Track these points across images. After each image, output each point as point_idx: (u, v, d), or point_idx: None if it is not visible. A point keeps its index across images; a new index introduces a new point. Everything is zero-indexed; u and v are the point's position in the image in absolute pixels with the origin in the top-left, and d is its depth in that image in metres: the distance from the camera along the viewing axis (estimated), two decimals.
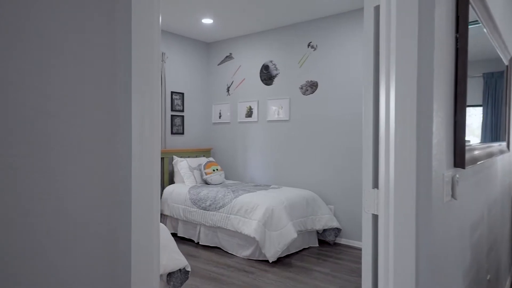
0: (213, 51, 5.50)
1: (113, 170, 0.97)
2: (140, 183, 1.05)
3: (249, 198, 3.81)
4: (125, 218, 1.02)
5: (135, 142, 1.03)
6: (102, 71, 0.90)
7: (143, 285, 1.01)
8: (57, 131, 0.80)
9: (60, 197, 0.82)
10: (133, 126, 1.01)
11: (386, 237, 1.25)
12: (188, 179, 4.57)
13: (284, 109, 4.72)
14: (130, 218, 1.03)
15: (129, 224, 1.02)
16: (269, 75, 4.87)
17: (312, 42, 4.48)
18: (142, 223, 1.06)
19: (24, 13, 0.74)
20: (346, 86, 4.21)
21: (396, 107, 1.22)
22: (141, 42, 1.00)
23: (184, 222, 4.31)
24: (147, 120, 1.05)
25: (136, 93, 1.00)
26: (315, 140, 4.46)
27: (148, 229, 1.08)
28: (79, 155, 0.85)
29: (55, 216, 0.82)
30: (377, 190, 1.29)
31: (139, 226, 1.04)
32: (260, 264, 3.54)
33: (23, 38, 0.74)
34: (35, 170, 0.77)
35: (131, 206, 1.03)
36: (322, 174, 4.40)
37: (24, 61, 0.74)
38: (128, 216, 1.03)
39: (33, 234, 0.76)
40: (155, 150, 1.10)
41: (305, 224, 3.89)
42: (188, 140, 5.24)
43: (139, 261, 1.04)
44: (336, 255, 3.85)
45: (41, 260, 0.79)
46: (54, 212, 0.81)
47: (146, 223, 1.07)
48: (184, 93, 5.17)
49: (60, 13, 0.80)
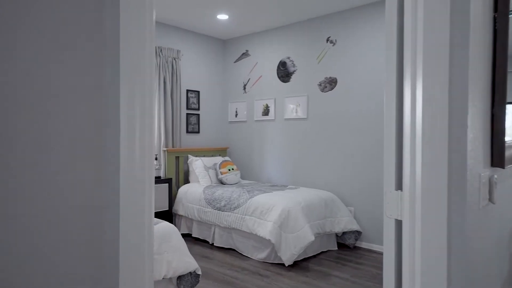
0: (229, 48, 5.39)
1: (99, 170, 0.87)
2: (129, 185, 0.94)
3: (264, 199, 3.68)
4: (113, 221, 0.92)
5: (123, 143, 0.92)
6: (88, 65, 0.80)
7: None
8: (42, 131, 0.72)
9: (43, 198, 0.73)
10: (122, 127, 0.91)
11: (412, 246, 1.09)
12: (203, 179, 4.48)
13: (301, 107, 4.55)
14: (118, 221, 0.92)
15: (116, 227, 0.91)
16: (286, 72, 4.72)
17: (331, 37, 4.30)
18: (131, 226, 0.95)
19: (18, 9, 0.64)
20: (367, 81, 4.01)
21: (424, 95, 1.06)
22: (130, 35, 0.90)
23: (198, 222, 4.22)
24: (138, 120, 0.94)
25: (125, 92, 0.90)
26: (334, 138, 4.28)
27: (138, 233, 0.96)
28: (63, 154, 0.77)
29: (37, 217, 0.73)
30: (400, 192, 1.13)
31: (127, 230, 0.93)
32: (275, 268, 3.40)
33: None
34: (18, 170, 0.68)
35: (119, 208, 0.92)
36: (341, 174, 4.22)
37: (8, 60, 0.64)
38: (116, 219, 0.92)
39: (18, 235, 0.68)
40: (147, 151, 0.99)
41: (323, 227, 3.72)
42: (203, 139, 5.15)
43: (128, 265, 0.93)
44: (356, 259, 3.66)
45: (24, 261, 0.70)
46: (35, 213, 0.72)
47: (136, 226, 0.96)
48: (199, 91, 5.09)
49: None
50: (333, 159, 4.28)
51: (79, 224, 0.84)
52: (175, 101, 4.64)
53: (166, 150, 4.50)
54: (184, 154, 4.74)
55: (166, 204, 4.18)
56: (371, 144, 3.98)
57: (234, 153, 5.33)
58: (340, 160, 4.22)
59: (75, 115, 0.82)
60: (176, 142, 4.66)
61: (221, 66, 5.39)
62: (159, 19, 4.51)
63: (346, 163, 4.17)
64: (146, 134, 0.98)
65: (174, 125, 4.64)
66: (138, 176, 0.95)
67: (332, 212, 3.86)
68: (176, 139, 4.66)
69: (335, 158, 4.26)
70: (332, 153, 4.29)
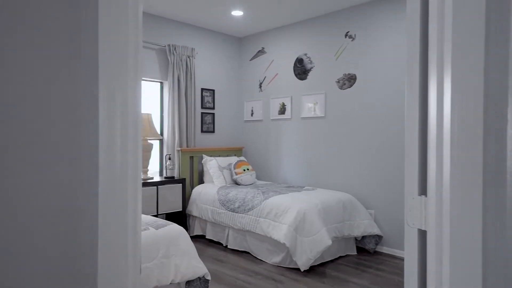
0: (245, 46, 5.28)
1: (75, 170, 0.77)
2: (109, 186, 0.83)
3: (279, 200, 3.54)
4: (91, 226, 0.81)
5: (102, 141, 0.82)
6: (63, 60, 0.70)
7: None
8: (12, 128, 0.62)
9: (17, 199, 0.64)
10: (101, 124, 0.81)
11: (439, 261, 0.94)
12: (217, 179, 4.38)
13: (319, 105, 4.39)
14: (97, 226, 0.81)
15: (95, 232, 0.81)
16: (303, 69, 4.56)
17: (350, 32, 4.11)
18: (112, 229, 0.84)
19: None
20: (388, 78, 3.80)
21: (453, 86, 0.90)
22: (110, 27, 0.80)
23: (212, 224, 4.12)
24: (119, 117, 0.84)
25: (104, 87, 0.80)
26: (353, 137, 4.09)
27: (119, 236, 0.85)
28: (35, 153, 0.69)
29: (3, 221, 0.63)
30: (424, 197, 0.97)
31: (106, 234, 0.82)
32: (290, 273, 3.25)
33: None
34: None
35: (97, 210, 0.81)
36: (361, 175, 4.02)
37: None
38: (95, 223, 0.81)
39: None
40: (131, 149, 0.88)
41: (342, 230, 3.55)
42: (218, 138, 5.06)
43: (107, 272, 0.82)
44: (376, 265, 3.46)
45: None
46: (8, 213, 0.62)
47: (117, 229, 0.84)
48: (214, 90, 5.00)
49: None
50: (352, 159, 4.09)
51: (53, 230, 0.74)
52: (189, 100, 4.56)
53: (180, 149, 4.42)
54: (199, 154, 4.65)
55: (179, 204, 4.11)
56: (393, 143, 3.77)
57: (250, 153, 5.21)
58: (360, 160, 4.03)
59: (48, 111, 0.72)
60: (190, 142, 4.58)
61: (236, 64, 5.28)
62: (172, 17, 4.45)
63: (366, 163, 3.98)
64: (129, 132, 0.87)
65: (188, 124, 4.56)
66: (119, 176, 0.84)
67: (351, 215, 3.68)
68: (191, 138, 4.58)
69: (355, 158, 4.07)
70: (351, 153, 4.10)
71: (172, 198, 4.03)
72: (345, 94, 4.15)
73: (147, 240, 2.24)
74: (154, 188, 3.87)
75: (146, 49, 4.29)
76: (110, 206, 0.82)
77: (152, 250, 2.23)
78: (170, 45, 4.38)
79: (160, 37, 4.38)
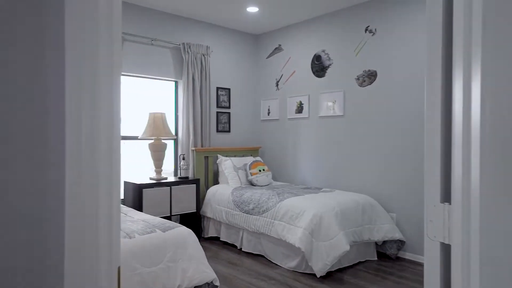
0: (261, 44, 5.16)
1: (38, 171, 0.68)
2: (77, 189, 0.73)
3: (295, 202, 3.40)
4: (56, 236, 0.72)
5: (69, 139, 0.73)
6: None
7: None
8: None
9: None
10: (67, 119, 0.72)
11: (466, 281, 0.79)
12: (232, 180, 4.28)
13: (338, 103, 4.21)
14: (63, 236, 0.72)
15: (61, 242, 0.71)
16: (321, 66, 4.40)
17: (370, 26, 3.92)
18: (80, 238, 0.74)
19: None
20: (410, 74, 3.59)
21: (483, 81, 0.76)
22: (78, 12, 0.70)
23: (227, 225, 4.03)
24: (87, 112, 0.74)
25: (71, 79, 0.71)
26: (373, 137, 3.89)
27: (89, 243, 0.75)
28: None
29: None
30: (448, 205, 0.83)
31: (73, 243, 0.72)
32: (306, 278, 3.11)
33: None
34: None
35: (64, 217, 0.72)
36: (382, 177, 3.82)
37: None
38: (61, 232, 0.72)
39: None
40: (103, 147, 0.78)
41: (361, 235, 3.37)
42: (234, 138, 4.96)
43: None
44: (398, 272, 3.27)
45: None
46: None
47: (86, 237, 0.75)
48: (230, 88, 4.90)
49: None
50: (372, 159, 3.90)
51: (13, 241, 0.64)
52: (204, 99, 4.49)
53: (195, 149, 4.35)
54: (214, 154, 4.57)
55: (193, 205, 4.03)
56: (416, 143, 3.55)
57: (267, 153, 5.08)
58: (381, 160, 3.83)
59: (7, 103, 0.63)
60: (205, 142, 4.50)
61: (252, 62, 5.17)
62: (186, 14, 4.38)
63: (387, 163, 3.78)
64: (101, 129, 0.76)
65: (203, 124, 4.48)
66: (89, 178, 0.74)
67: (371, 218, 3.49)
68: (205, 138, 4.50)
69: (375, 159, 3.88)
70: (372, 153, 3.91)
71: (186, 199, 3.95)
72: (365, 92, 3.96)
73: (153, 243, 2.16)
74: (168, 189, 3.80)
75: (161, 47, 4.24)
76: (78, 209, 0.72)
77: (158, 253, 2.14)
78: (184, 44, 4.32)
79: (174, 36, 4.33)
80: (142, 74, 4.12)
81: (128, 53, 3.98)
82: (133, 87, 4.19)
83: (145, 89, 4.30)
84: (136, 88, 4.23)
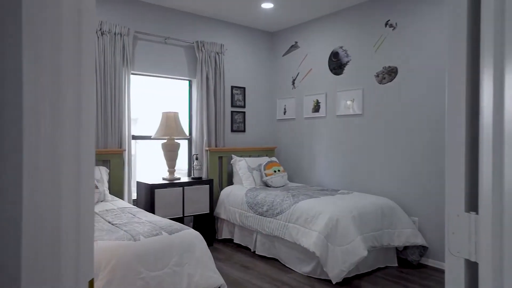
0: (277, 41, 5.04)
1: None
2: (36, 196, 0.64)
3: (310, 205, 3.26)
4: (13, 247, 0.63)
5: (27, 137, 0.64)
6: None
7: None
8: None
9: None
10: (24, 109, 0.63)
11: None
12: (246, 180, 4.18)
13: (356, 102, 4.04)
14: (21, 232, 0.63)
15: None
16: (339, 63, 4.24)
17: (391, 20, 3.74)
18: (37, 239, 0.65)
19: None
20: (434, 70, 3.39)
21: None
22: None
23: (240, 227, 3.93)
24: (46, 117, 0.65)
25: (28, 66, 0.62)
26: (394, 137, 3.71)
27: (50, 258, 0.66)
28: None
29: None
30: (474, 215, 0.69)
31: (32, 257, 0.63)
32: (321, 284, 2.96)
33: None
34: None
35: (21, 231, 0.63)
36: (403, 179, 3.63)
37: None
38: (17, 245, 0.63)
39: None
40: (68, 145, 0.69)
41: (380, 239, 3.20)
42: (249, 138, 4.86)
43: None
44: (420, 280, 3.08)
45: None
46: None
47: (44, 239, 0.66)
48: (245, 87, 4.81)
49: None
50: (393, 160, 3.71)
51: None
52: (218, 98, 4.41)
53: (209, 149, 4.28)
54: (228, 154, 4.48)
55: (206, 206, 3.95)
56: (439, 143, 3.35)
57: (283, 153, 4.95)
58: (402, 161, 3.64)
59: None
60: (219, 141, 4.42)
61: (268, 60, 5.06)
62: (199, 12, 4.31)
63: (409, 165, 3.58)
64: (66, 125, 0.67)
65: (217, 123, 4.41)
66: (49, 182, 0.65)
67: (391, 223, 3.31)
68: (220, 138, 4.42)
69: (396, 159, 3.69)
70: (392, 154, 3.72)
71: (199, 200, 3.88)
72: (385, 89, 3.78)
73: (158, 246, 2.08)
74: (180, 189, 3.74)
75: (174, 46, 4.19)
76: (37, 209, 0.63)
77: (164, 257, 2.06)
78: (198, 42, 4.25)
79: (187, 34, 4.27)
80: (155, 73, 4.08)
81: (142, 52, 3.95)
82: (147, 86, 4.16)
83: (159, 88, 4.26)
84: (150, 88, 4.20)
